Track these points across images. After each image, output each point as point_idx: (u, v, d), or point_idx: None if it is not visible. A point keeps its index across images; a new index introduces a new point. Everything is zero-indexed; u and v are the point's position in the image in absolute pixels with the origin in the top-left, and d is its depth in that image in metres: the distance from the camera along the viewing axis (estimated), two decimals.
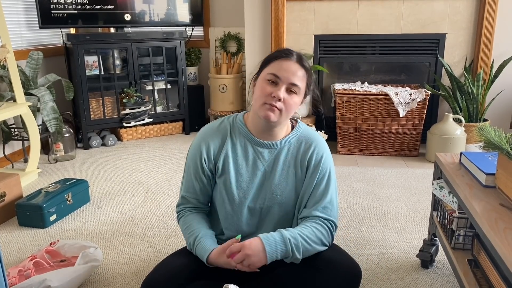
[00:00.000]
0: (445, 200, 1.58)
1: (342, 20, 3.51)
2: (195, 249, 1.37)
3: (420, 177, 2.88)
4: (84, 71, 3.56)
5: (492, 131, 1.28)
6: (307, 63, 1.36)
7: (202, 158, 1.41)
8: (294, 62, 1.33)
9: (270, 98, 1.30)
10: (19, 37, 3.45)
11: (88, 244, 1.83)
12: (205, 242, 1.35)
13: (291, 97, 1.32)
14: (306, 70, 1.35)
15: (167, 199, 2.57)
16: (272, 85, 1.32)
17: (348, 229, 2.17)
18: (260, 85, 1.34)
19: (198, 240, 1.36)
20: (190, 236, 1.40)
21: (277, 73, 1.31)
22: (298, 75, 1.32)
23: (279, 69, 1.31)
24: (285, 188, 1.40)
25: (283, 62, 1.32)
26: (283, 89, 1.31)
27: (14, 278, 1.62)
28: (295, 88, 1.32)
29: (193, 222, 1.43)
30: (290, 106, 1.32)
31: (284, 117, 1.34)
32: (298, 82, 1.32)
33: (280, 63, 1.32)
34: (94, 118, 3.70)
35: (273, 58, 1.35)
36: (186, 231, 1.42)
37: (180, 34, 3.90)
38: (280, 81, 1.31)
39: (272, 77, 1.31)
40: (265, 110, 1.32)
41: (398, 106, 3.16)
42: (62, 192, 2.34)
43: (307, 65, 1.36)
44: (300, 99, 1.37)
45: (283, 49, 1.37)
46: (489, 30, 3.29)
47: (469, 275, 1.38)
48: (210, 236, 1.39)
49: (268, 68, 1.34)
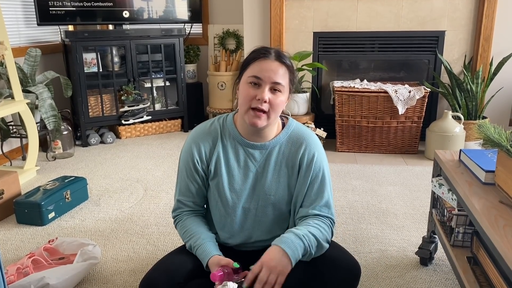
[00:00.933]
0: (444, 197, 1.57)
1: (341, 17, 3.50)
2: (195, 251, 1.35)
3: (419, 174, 2.88)
4: (82, 68, 3.55)
5: (491, 128, 1.27)
6: (287, 59, 1.33)
7: (195, 160, 1.39)
8: (273, 60, 1.29)
9: (255, 102, 1.28)
10: (17, 34, 3.44)
11: (87, 241, 1.82)
12: (207, 245, 1.33)
13: (276, 96, 1.29)
14: (287, 66, 1.32)
15: (165, 197, 2.57)
16: (255, 88, 1.29)
17: (347, 227, 2.17)
18: (243, 89, 1.31)
19: (199, 243, 1.34)
20: (190, 238, 1.37)
21: (258, 75, 1.28)
22: (280, 73, 1.29)
23: (260, 70, 1.28)
24: (277, 188, 1.39)
25: (262, 62, 1.28)
26: (267, 90, 1.28)
27: (13, 276, 1.61)
28: (278, 87, 1.29)
29: (192, 225, 1.40)
30: (277, 105, 1.30)
31: (272, 118, 1.31)
32: (281, 80, 1.29)
33: (259, 64, 1.29)
34: (92, 116, 3.69)
35: (252, 59, 1.31)
36: (185, 234, 1.40)
37: (178, 31, 3.89)
38: (263, 82, 1.28)
39: (254, 79, 1.28)
40: (251, 118, 1.29)
41: (397, 103, 3.16)
42: (60, 190, 2.33)
43: (288, 61, 1.33)
44: (286, 97, 1.34)
45: (260, 49, 1.33)
46: (488, 28, 3.29)
47: (468, 272, 1.37)
48: (211, 239, 1.37)
49: (249, 71, 1.30)
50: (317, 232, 1.29)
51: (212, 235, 1.40)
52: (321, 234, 1.30)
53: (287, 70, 1.32)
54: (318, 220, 1.34)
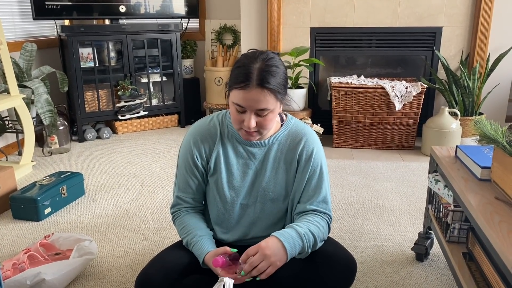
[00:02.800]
0: (440, 193, 1.58)
1: (338, 13, 3.50)
2: (192, 248, 1.35)
3: (415, 170, 2.89)
4: (78, 63, 3.54)
5: (488, 125, 1.27)
6: (270, 81, 1.21)
7: (194, 156, 1.39)
8: (255, 88, 1.20)
9: (243, 125, 1.27)
10: (13, 29, 3.42)
11: (83, 237, 1.82)
12: (203, 242, 1.32)
13: (265, 118, 1.26)
14: (271, 90, 1.22)
15: (162, 192, 2.57)
16: (241, 113, 1.26)
17: (344, 222, 2.18)
18: (231, 109, 1.29)
19: (195, 239, 1.34)
20: (187, 235, 1.37)
21: (241, 104, 1.24)
22: (264, 100, 1.22)
23: (242, 99, 1.22)
24: (276, 184, 1.39)
25: (243, 92, 1.21)
26: (252, 116, 1.25)
27: (8, 271, 1.61)
28: (264, 112, 1.24)
29: (190, 222, 1.39)
30: (266, 125, 1.27)
31: (266, 132, 1.31)
32: (265, 105, 1.23)
33: (241, 93, 1.22)
34: (89, 111, 3.68)
35: (233, 86, 1.25)
36: (183, 231, 1.39)
37: (175, 26, 3.87)
38: (247, 109, 1.24)
39: (238, 106, 1.25)
40: (244, 135, 1.30)
41: (394, 99, 3.16)
42: (56, 185, 2.33)
43: (272, 84, 1.22)
44: (277, 110, 1.29)
45: (239, 70, 1.24)
46: (485, 24, 3.29)
47: (463, 268, 1.38)
48: (208, 237, 1.36)
49: (232, 95, 1.26)
50: (316, 231, 1.29)
51: (209, 232, 1.40)
52: (320, 233, 1.31)
53: (271, 93, 1.23)
54: (317, 217, 1.34)
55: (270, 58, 1.25)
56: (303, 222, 1.31)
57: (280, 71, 1.25)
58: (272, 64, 1.24)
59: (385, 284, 1.68)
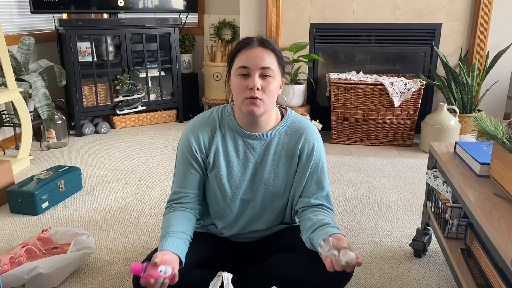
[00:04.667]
0: (439, 189, 1.58)
1: (338, 9, 3.48)
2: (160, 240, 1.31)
3: (413, 167, 2.89)
4: (76, 57, 3.52)
5: (487, 121, 1.27)
6: (271, 44, 1.31)
7: (193, 149, 1.37)
8: (257, 46, 1.29)
9: (248, 91, 1.27)
10: (10, 22, 3.39)
11: (81, 231, 1.81)
12: (168, 239, 1.28)
13: (268, 82, 1.28)
14: (273, 50, 1.30)
15: (160, 187, 2.56)
16: (245, 78, 1.28)
17: (342, 218, 2.18)
18: (234, 83, 1.31)
19: (164, 234, 1.30)
20: (163, 230, 1.33)
21: (245, 64, 1.27)
22: (266, 58, 1.28)
23: (246, 59, 1.28)
24: (276, 178, 1.39)
25: (247, 51, 1.28)
26: (257, 77, 1.27)
27: (6, 265, 1.60)
28: (268, 72, 1.28)
29: (172, 218, 1.35)
30: (270, 91, 1.29)
31: (268, 104, 1.30)
32: (269, 64, 1.28)
33: (244, 53, 1.28)
34: (87, 105, 3.66)
35: (236, 51, 1.31)
36: (163, 225, 1.36)
37: (174, 20, 3.85)
38: (251, 70, 1.27)
39: (242, 70, 1.28)
40: (247, 105, 1.29)
41: (393, 96, 3.16)
42: (54, 179, 2.32)
43: (273, 46, 1.31)
44: (278, 82, 1.32)
45: (242, 39, 1.33)
46: (485, 21, 3.28)
47: (462, 264, 1.38)
48: (178, 237, 1.30)
49: (236, 63, 1.30)
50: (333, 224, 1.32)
51: (184, 232, 1.33)
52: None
53: (274, 54, 1.30)
54: (327, 212, 1.36)
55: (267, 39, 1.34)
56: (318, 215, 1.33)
57: (278, 48, 1.33)
58: (270, 40, 1.33)
59: (383, 279, 1.68)
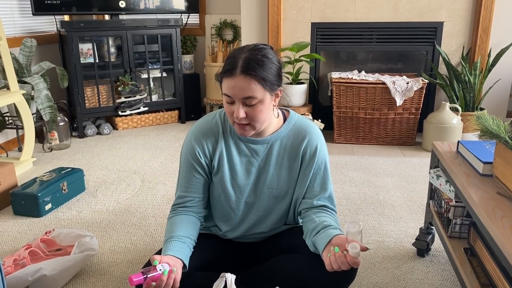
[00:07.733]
0: (442, 188, 1.57)
1: (339, 8, 3.48)
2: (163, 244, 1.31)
3: (416, 166, 2.88)
4: (78, 59, 3.52)
5: (490, 120, 1.27)
6: (256, 69, 1.20)
7: (197, 153, 1.37)
8: (239, 75, 1.20)
9: (235, 117, 1.26)
10: (12, 24, 3.40)
11: (84, 233, 1.82)
12: (171, 244, 1.28)
13: (253, 109, 1.24)
14: (256, 76, 1.21)
15: (163, 188, 2.56)
16: (231, 104, 1.26)
17: (345, 218, 2.17)
18: (223, 102, 1.29)
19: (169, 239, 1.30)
20: (167, 234, 1.34)
21: (228, 93, 1.24)
22: (249, 87, 1.21)
23: (228, 89, 1.23)
24: (279, 181, 1.39)
25: (228, 80, 1.22)
26: (240, 106, 1.23)
27: (10, 267, 1.61)
28: (252, 100, 1.22)
29: (176, 222, 1.35)
30: (256, 116, 1.25)
31: (259, 125, 1.28)
32: (251, 93, 1.21)
33: (226, 82, 1.23)
34: (89, 107, 3.67)
35: (221, 76, 1.26)
36: (167, 230, 1.36)
37: (175, 21, 3.86)
38: (235, 99, 1.24)
39: (227, 97, 1.25)
40: (237, 129, 1.29)
41: (395, 95, 3.15)
42: (57, 181, 2.32)
43: (257, 71, 1.21)
44: (266, 103, 1.26)
45: (227, 61, 1.25)
46: (487, 19, 3.27)
47: (465, 263, 1.38)
48: (182, 241, 1.30)
49: (222, 86, 1.26)
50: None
51: (188, 237, 1.33)
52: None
53: (257, 80, 1.21)
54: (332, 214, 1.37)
55: (259, 48, 1.25)
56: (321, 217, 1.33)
57: (268, 61, 1.23)
58: (259, 54, 1.23)
59: (386, 279, 1.68)
